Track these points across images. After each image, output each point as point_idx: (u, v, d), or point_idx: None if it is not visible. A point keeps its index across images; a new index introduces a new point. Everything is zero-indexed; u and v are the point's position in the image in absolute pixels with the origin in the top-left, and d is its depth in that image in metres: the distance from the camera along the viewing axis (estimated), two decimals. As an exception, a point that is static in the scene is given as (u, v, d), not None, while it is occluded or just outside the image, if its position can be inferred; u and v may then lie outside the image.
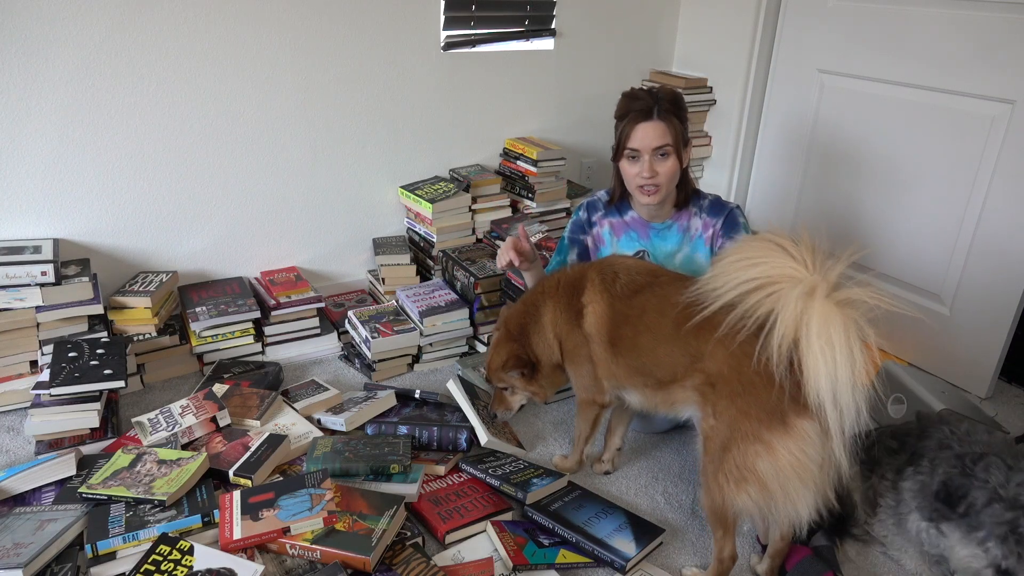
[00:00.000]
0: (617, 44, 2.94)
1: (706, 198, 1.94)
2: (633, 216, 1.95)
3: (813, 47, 2.62)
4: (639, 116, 1.78)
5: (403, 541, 1.54)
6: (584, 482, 1.84)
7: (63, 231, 2.16)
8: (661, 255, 1.94)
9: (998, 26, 2.10)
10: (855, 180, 2.57)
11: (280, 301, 2.26)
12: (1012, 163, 2.12)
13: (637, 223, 1.94)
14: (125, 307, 2.10)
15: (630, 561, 1.55)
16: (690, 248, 1.93)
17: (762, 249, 1.37)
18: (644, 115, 1.77)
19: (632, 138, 1.78)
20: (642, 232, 1.94)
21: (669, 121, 1.78)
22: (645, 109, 1.77)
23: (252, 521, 1.48)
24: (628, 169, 1.83)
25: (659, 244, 1.94)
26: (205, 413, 1.83)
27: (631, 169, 1.82)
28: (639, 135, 1.78)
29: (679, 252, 1.93)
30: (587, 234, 1.99)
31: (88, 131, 2.10)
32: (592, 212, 1.99)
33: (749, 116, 2.86)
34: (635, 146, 1.79)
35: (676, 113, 1.80)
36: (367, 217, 2.64)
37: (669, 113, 1.78)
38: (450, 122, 2.68)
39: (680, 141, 1.80)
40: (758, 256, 1.37)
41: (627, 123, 1.79)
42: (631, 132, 1.78)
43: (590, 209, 2.00)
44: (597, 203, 1.99)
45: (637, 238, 1.94)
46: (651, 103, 1.78)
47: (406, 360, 2.28)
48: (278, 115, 2.35)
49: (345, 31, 2.36)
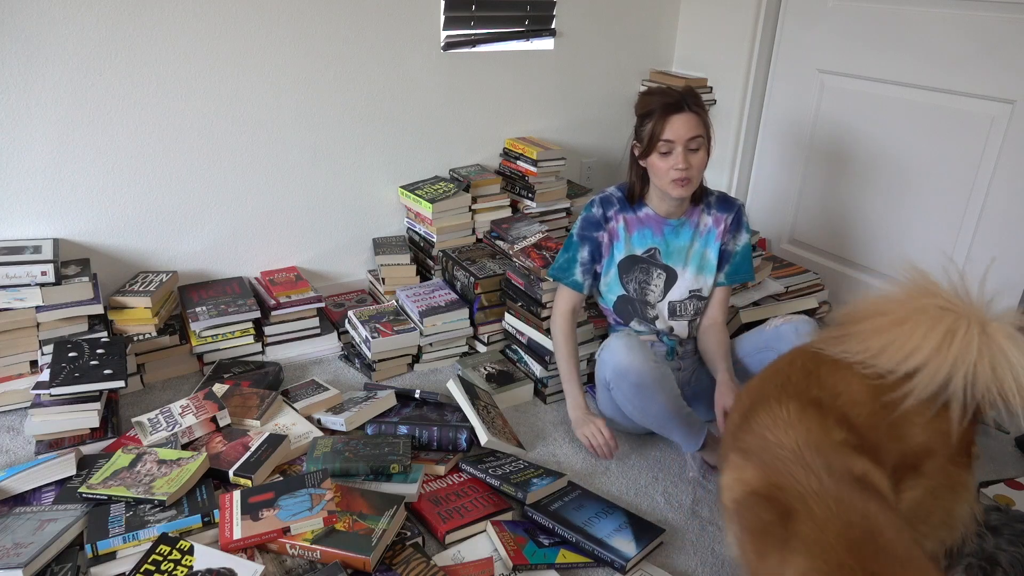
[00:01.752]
0: (617, 44, 2.94)
1: (712, 194, 1.96)
2: (648, 212, 1.94)
3: (813, 47, 2.62)
4: (671, 108, 1.76)
5: (403, 541, 1.54)
6: (584, 482, 1.84)
7: (63, 231, 2.16)
8: (674, 250, 1.95)
9: (998, 26, 2.10)
10: (855, 180, 2.57)
11: (280, 301, 2.26)
12: (1012, 163, 2.12)
13: (651, 220, 1.94)
14: (125, 307, 2.10)
15: (630, 561, 1.55)
16: (701, 244, 1.95)
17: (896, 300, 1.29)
18: (675, 108, 1.76)
19: (667, 130, 1.76)
20: (656, 229, 1.94)
21: (698, 114, 1.78)
22: (675, 102, 1.77)
23: (252, 521, 1.48)
24: (660, 164, 1.80)
25: (672, 240, 1.94)
26: (205, 413, 1.83)
27: (663, 163, 1.80)
28: (674, 127, 1.76)
29: (691, 248, 1.95)
30: (602, 230, 1.95)
31: (88, 131, 2.10)
32: (607, 207, 1.95)
33: (749, 116, 2.86)
34: (670, 137, 1.77)
35: (702, 106, 1.80)
36: (367, 217, 2.64)
37: (697, 106, 1.78)
38: (450, 122, 2.68)
39: (709, 134, 1.82)
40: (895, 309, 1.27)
41: (658, 117, 1.77)
42: (664, 125, 1.76)
43: (604, 204, 1.96)
44: (611, 198, 1.96)
45: (651, 235, 1.94)
46: (679, 97, 1.77)
47: (406, 360, 2.28)
48: (278, 115, 2.35)
49: (345, 31, 2.37)
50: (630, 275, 1.96)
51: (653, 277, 1.95)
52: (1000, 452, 2.04)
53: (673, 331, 1.99)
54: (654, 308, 1.97)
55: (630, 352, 1.77)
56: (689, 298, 1.97)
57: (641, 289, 1.96)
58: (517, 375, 2.21)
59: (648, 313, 1.97)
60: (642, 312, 1.98)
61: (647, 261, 1.95)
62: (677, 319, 1.98)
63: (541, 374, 2.15)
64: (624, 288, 1.97)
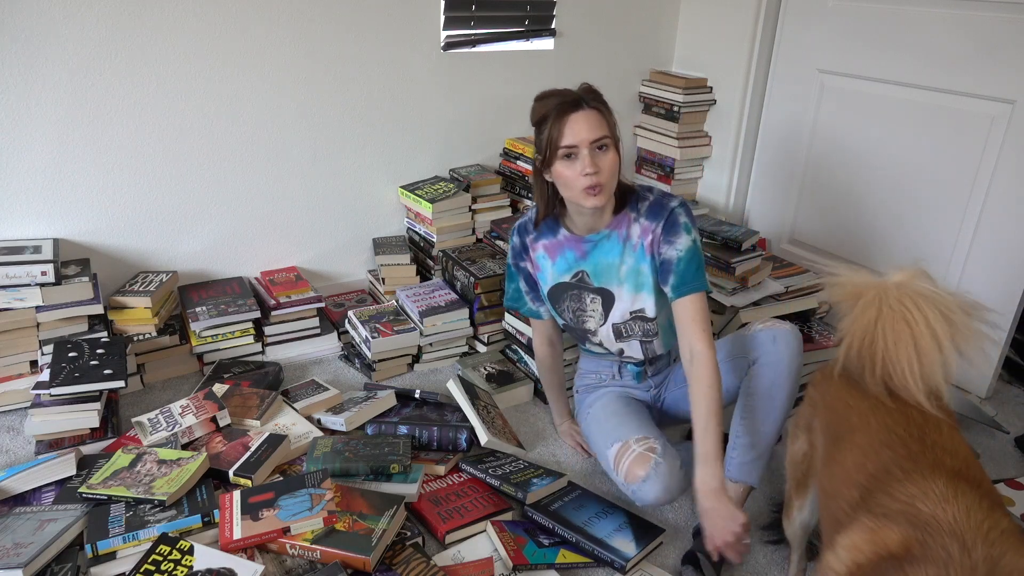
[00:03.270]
0: (617, 44, 2.94)
1: (645, 200, 1.66)
2: (565, 234, 1.71)
3: (813, 47, 2.62)
4: (567, 108, 1.53)
5: (403, 541, 1.54)
6: (584, 482, 1.84)
7: (63, 231, 2.16)
8: (603, 269, 1.69)
9: (998, 26, 2.10)
10: (855, 180, 2.57)
11: (280, 301, 2.26)
12: (1012, 163, 2.12)
13: (571, 241, 1.71)
14: (125, 307, 2.10)
15: (630, 561, 1.55)
16: (633, 259, 1.67)
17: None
18: (572, 106, 1.53)
19: (565, 134, 1.53)
20: (578, 250, 1.71)
21: (599, 110, 1.56)
22: (571, 101, 1.54)
23: (252, 521, 1.48)
24: (565, 172, 1.55)
25: (599, 258, 1.69)
26: (205, 413, 1.83)
27: (569, 171, 1.55)
28: (573, 128, 1.52)
29: (622, 264, 1.68)
30: (526, 260, 1.80)
31: (88, 131, 2.10)
32: (523, 235, 1.78)
33: (749, 116, 2.86)
34: (571, 141, 1.52)
35: (603, 103, 1.58)
36: (367, 217, 2.64)
37: (597, 102, 1.57)
38: (450, 122, 2.68)
39: (615, 133, 1.58)
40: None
41: (554, 120, 1.54)
42: (562, 128, 1.53)
43: (521, 232, 1.78)
44: (527, 224, 1.77)
45: (574, 259, 1.71)
46: (575, 95, 1.56)
47: (406, 360, 2.28)
48: (278, 115, 2.35)
49: (345, 31, 2.36)
50: (562, 304, 1.77)
51: (587, 303, 1.73)
52: (1000, 452, 2.04)
53: (624, 353, 1.79)
54: (596, 334, 1.76)
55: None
56: (632, 319, 1.72)
57: (577, 318, 1.76)
58: (517, 375, 2.21)
59: (591, 339, 1.78)
60: (584, 339, 1.80)
61: (576, 286, 1.73)
62: (625, 340, 1.75)
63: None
64: (561, 317, 1.80)
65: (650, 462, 1.58)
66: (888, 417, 1.32)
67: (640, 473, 1.58)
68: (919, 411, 1.30)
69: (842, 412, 1.39)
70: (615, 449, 1.66)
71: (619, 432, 1.69)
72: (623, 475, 1.62)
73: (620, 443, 1.66)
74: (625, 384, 1.87)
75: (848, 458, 1.31)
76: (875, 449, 1.27)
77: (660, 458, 1.59)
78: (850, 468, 1.29)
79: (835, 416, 1.40)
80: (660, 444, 1.63)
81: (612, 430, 1.71)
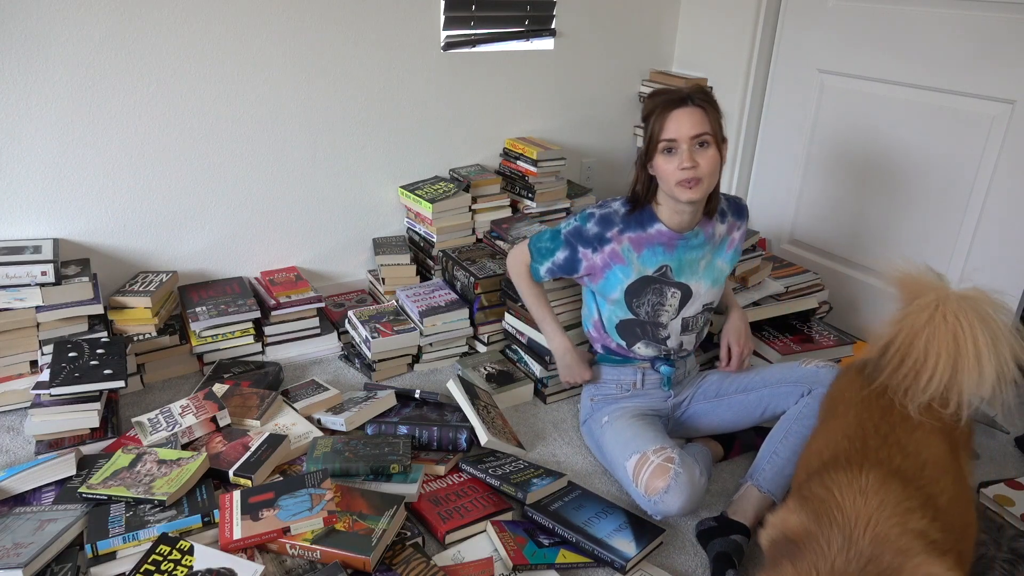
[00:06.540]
0: (617, 44, 2.94)
1: (725, 200, 1.83)
2: (659, 229, 1.74)
3: (813, 47, 2.62)
4: (672, 104, 1.61)
5: (403, 541, 1.54)
6: (584, 482, 1.84)
7: (63, 231, 2.16)
8: (686, 264, 1.77)
9: (998, 26, 2.10)
10: (855, 180, 2.57)
11: (280, 301, 2.26)
12: (1012, 163, 2.12)
13: (663, 236, 1.74)
14: (125, 307, 2.10)
15: (630, 561, 1.55)
16: (712, 254, 1.80)
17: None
18: (677, 103, 1.61)
19: (667, 128, 1.60)
20: (668, 246, 1.75)
21: (704, 109, 1.62)
22: (678, 98, 1.61)
23: (252, 521, 1.48)
24: (664, 166, 1.62)
25: (684, 254, 1.76)
26: (205, 413, 1.83)
27: (668, 165, 1.62)
28: (675, 123, 1.60)
29: (702, 259, 1.79)
30: (591, 249, 1.76)
31: (88, 131, 2.10)
32: (606, 227, 1.75)
33: (749, 116, 2.86)
34: (671, 136, 1.60)
35: (711, 103, 1.64)
36: (367, 217, 2.64)
37: (704, 101, 1.63)
38: (450, 122, 2.68)
39: (719, 132, 1.65)
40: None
41: (658, 114, 1.62)
42: (665, 121, 1.60)
43: (604, 224, 1.75)
44: (613, 216, 1.75)
45: (662, 252, 1.75)
46: (683, 93, 1.63)
47: (406, 360, 2.28)
48: (278, 115, 2.35)
49: (345, 31, 2.37)
50: (641, 298, 1.78)
51: (667, 297, 1.78)
52: (1000, 452, 2.04)
53: (683, 346, 1.86)
54: (666, 328, 1.81)
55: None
56: (702, 312, 1.83)
57: (654, 311, 1.79)
58: (517, 375, 2.21)
59: (660, 334, 1.82)
60: (653, 334, 1.82)
61: (660, 280, 1.77)
62: (688, 334, 1.85)
63: (541, 374, 2.15)
64: (633, 313, 1.79)
65: (669, 473, 1.59)
66: (867, 412, 1.35)
67: (660, 485, 1.59)
68: (903, 412, 1.31)
69: (836, 398, 1.46)
70: (633, 461, 1.67)
71: (636, 443, 1.70)
72: (643, 488, 1.62)
73: (639, 455, 1.66)
74: (646, 393, 1.89)
75: (816, 442, 1.37)
76: (838, 438, 1.31)
77: (679, 468, 1.59)
78: (812, 452, 1.34)
79: (830, 401, 1.48)
80: (677, 454, 1.63)
81: (629, 441, 1.72)
